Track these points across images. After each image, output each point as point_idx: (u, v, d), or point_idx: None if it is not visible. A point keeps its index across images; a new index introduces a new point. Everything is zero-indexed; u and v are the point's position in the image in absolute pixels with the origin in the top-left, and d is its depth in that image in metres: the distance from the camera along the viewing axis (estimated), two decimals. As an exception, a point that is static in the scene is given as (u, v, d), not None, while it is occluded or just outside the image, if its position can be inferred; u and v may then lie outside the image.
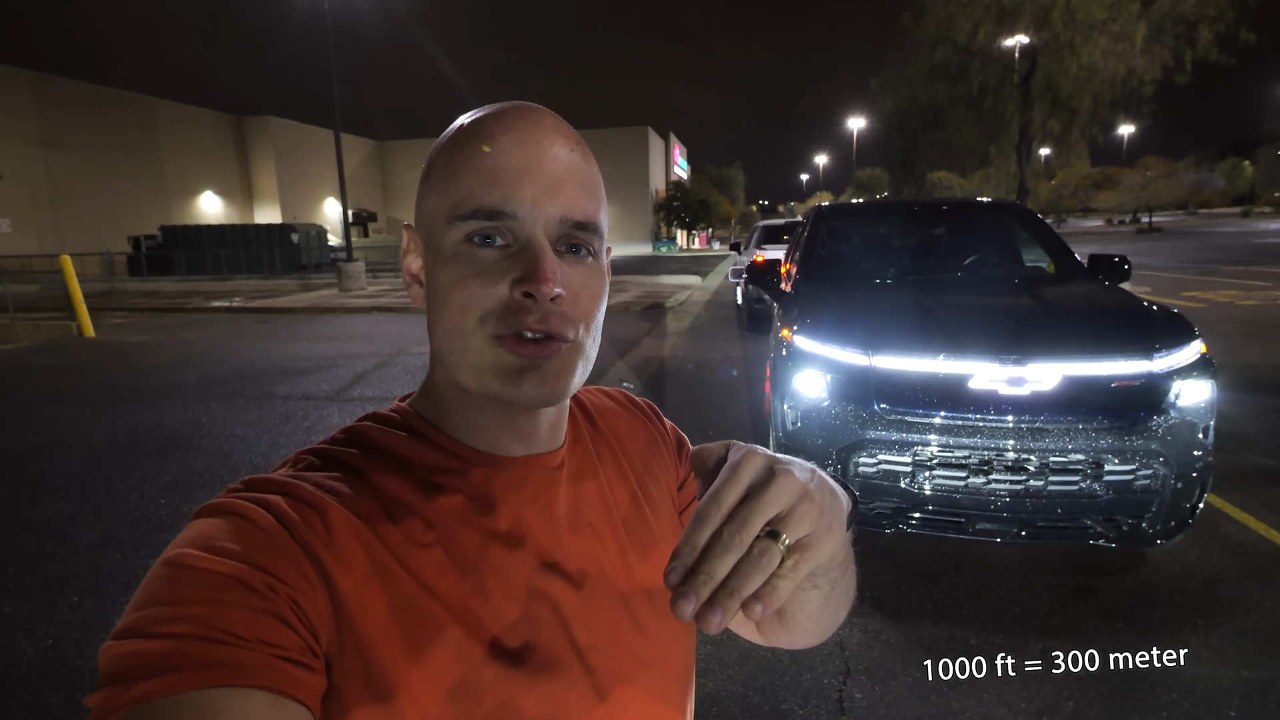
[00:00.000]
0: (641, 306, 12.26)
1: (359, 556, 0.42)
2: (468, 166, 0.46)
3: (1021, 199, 21.42)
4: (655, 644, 0.53)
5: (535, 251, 0.45)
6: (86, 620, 2.60)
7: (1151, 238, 34.39)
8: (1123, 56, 20.02)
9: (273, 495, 0.43)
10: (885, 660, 2.23)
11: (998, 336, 2.59)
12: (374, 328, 10.70)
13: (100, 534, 3.33)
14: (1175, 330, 2.59)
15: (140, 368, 7.67)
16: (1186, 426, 2.40)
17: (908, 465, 2.51)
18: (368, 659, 0.41)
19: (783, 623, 0.54)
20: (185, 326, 11.56)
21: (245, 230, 27.31)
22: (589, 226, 0.48)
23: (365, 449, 0.48)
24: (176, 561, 0.38)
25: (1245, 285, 12.35)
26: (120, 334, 10.74)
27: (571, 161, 0.47)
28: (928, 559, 2.87)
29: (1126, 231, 43.65)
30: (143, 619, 0.36)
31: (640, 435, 0.62)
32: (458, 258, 0.46)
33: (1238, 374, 5.75)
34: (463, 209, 0.45)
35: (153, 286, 20.52)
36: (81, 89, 32.14)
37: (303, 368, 7.42)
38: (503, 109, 0.48)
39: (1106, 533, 2.41)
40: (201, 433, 4.98)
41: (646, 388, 6.15)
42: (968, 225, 4.30)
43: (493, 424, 0.50)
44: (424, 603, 0.43)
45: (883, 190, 64.48)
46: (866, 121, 51.81)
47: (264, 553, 0.39)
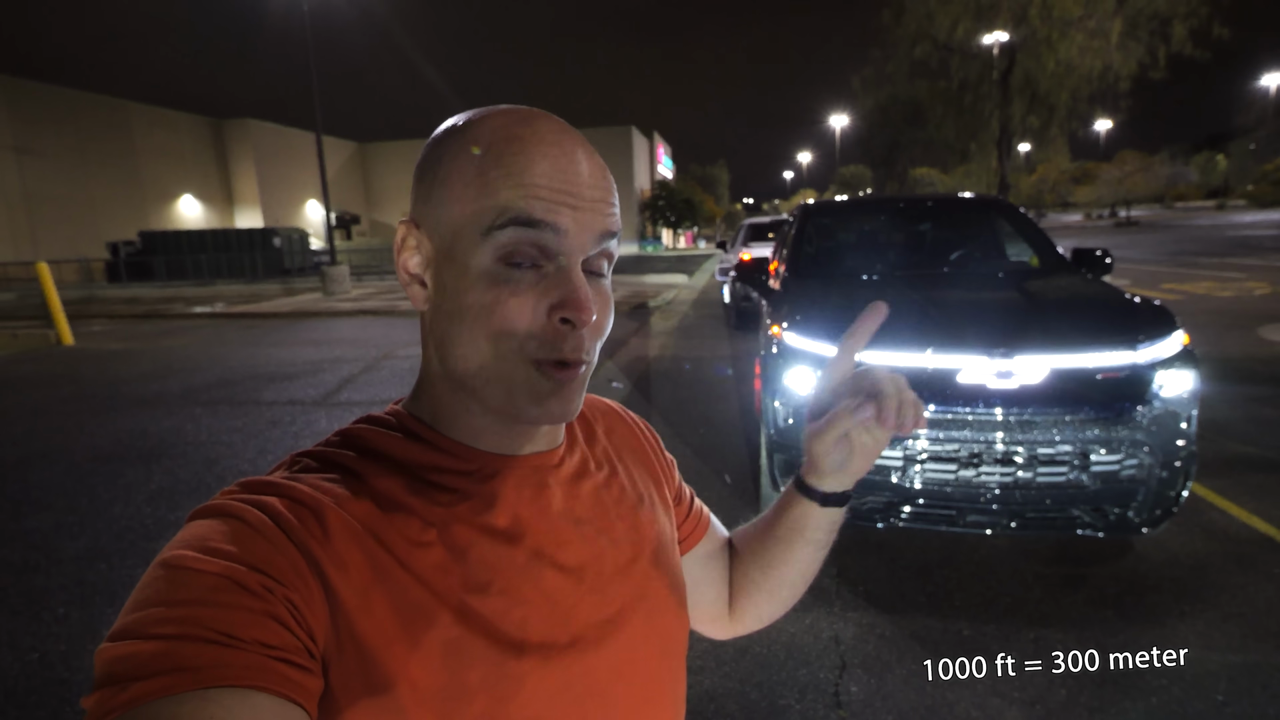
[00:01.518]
0: (629, 306, 12.25)
1: (356, 557, 0.42)
2: (504, 181, 0.44)
3: (1002, 194, 21.68)
4: (656, 636, 0.55)
5: (573, 278, 0.45)
6: (73, 633, 2.55)
7: (1129, 231, 34.95)
8: (1099, 52, 20.34)
9: (268, 497, 0.42)
10: (880, 653, 2.25)
11: (985, 331, 2.61)
12: (359, 331, 10.60)
13: (85, 545, 3.27)
14: (1158, 322, 2.63)
15: (122, 376, 7.54)
16: (1170, 416, 2.44)
17: (899, 460, 2.53)
18: (368, 659, 0.41)
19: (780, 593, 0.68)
20: (167, 333, 11.39)
21: (226, 235, 26.99)
22: (616, 234, 0.49)
23: (361, 450, 0.48)
24: (172, 563, 0.38)
25: (1221, 277, 12.58)
26: (100, 342, 10.55)
27: (599, 175, 0.47)
28: (920, 552, 2.90)
29: (1105, 225, 44.33)
30: (138, 620, 0.36)
31: (635, 443, 0.65)
32: (493, 278, 0.45)
33: (1217, 364, 5.86)
34: (501, 219, 0.44)
35: (132, 293, 20.19)
36: (55, 94, 31.52)
37: (288, 373, 7.34)
38: (527, 117, 0.47)
39: (1094, 522, 2.45)
40: (186, 440, 4.90)
41: (635, 388, 6.15)
42: (953, 221, 4.34)
43: (494, 426, 0.50)
44: (424, 601, 0.43)
45: (866, 187, 64.95)
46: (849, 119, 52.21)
47: (260, 554, 0.39)
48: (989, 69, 22.76)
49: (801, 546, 0.64)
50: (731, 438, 4.52)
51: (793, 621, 2.42)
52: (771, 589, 0.67)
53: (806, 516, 0.63)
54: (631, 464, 0.62)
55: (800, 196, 78.14)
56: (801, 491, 0.63)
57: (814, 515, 0.63)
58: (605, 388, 6.04)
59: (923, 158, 40.20)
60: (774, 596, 0.68)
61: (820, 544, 0.64)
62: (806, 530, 0.63)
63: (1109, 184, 50.58)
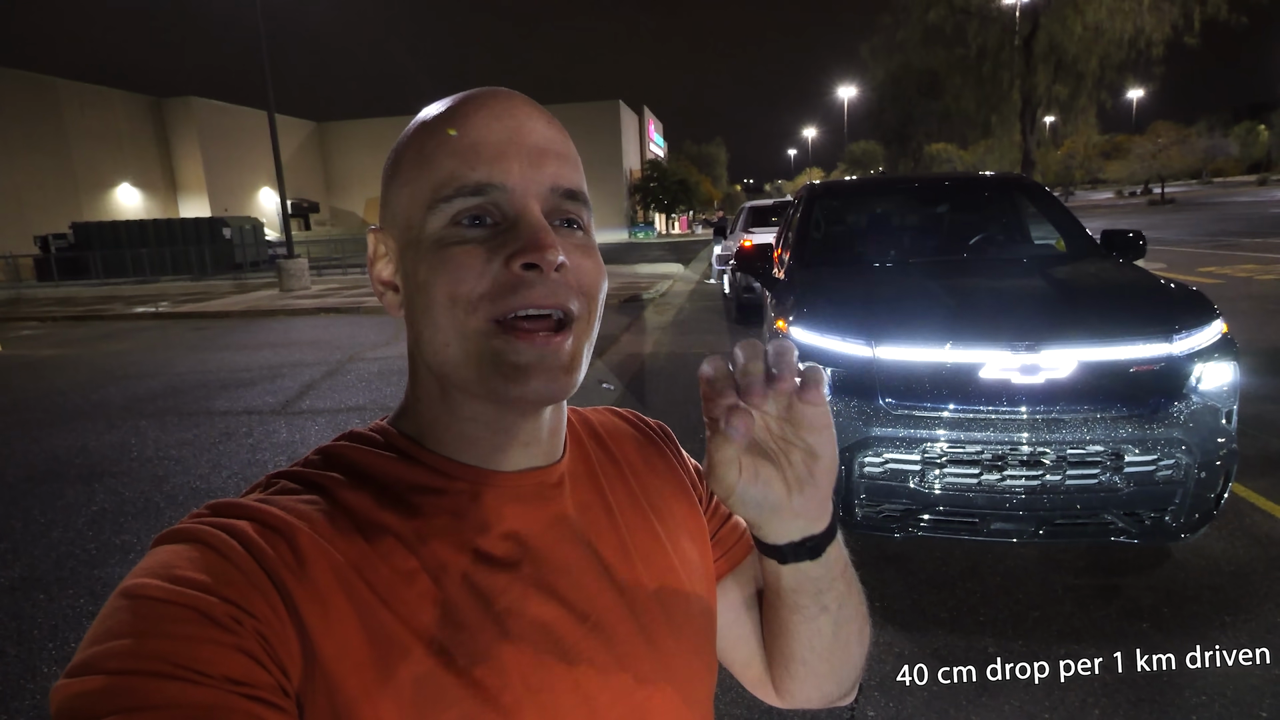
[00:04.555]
0: (619, 299, 12.26)
1: (332, 588, 0.42)
2: (444, 149, 0.47)
3: (1027, 171, 21.84)
4: (672, 665, 0.53)
5: (531, 221, 0.46)
6: (10, 671, 2.54)
7: (1164, 210, 35.27)
8: (1130, 15, 20.54)
9: (239, 520, 0.42)
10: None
11: (1009, 322, 2.65)
12: (321, 332, 10.56)
13: (20, 573, 3.26)
14: (1195, 309, 2.68)
15: (56, 385, 7.48)
16: (1209, 412, 2.48)
17: (916, 463, 2.56)
18: (339, 702, 0.40)
19: (792, 668, 0.59)
20: (105, 337, 11.29)
21: (170, 225, 26.81)
22: (579, 197, 0.49)
23: (342, 470, 0.48)
24: (134, 592, 0.38)
25: (1264, 259, 12.72)
26: (31, 348, 10.45)
27: (551, 134, 0.49)
28: (940, 563, 2.93)
29: (1138, 203, 44.75)
30: (98, 654, 0.36)
31: (655, 461, 0.62)
32: (443, 242, 0.46)
33: (1260, 355, 5.94)
34: (445, 190, 0.46)
35: (65, 292, 20.00)
36: (-27, 70, 31.18)
37: (243, 379, 7.30)
38: (471, 93, 0.50)
39: (1128, 528, 2.49)
40: (131, 456, 4.88)
41: (628, 388, 6.17)
42: (972, 202, 4.38)
43: (488, 434, 0.50)
44: (404, 639, 0.43)
45: (878, 165, 65.23)
46: (858, 91, 52.39)
47: (229, 583, 0.39)
48: (1010, 34, 22.92)
49: (788, 614, 0.54)
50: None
51: (804, 642, 2.45)
52: (788, 665, 0.58)
53: (777, 578, 0.53)
54: (650, 480, 0.60)
55: (806, 176, 78.36)
56: (761, 549, 0.52)
57: (784, 577, 0.52)
58: (595, 389, 6.05)
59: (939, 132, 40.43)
60: (800, 672, 0.58)
61: (827, 609, 0.54)
62: (783, 594, 0.53)
63: (1142, 158, 50.97)
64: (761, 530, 0.50)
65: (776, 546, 0.50)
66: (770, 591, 0.55)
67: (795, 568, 0.51)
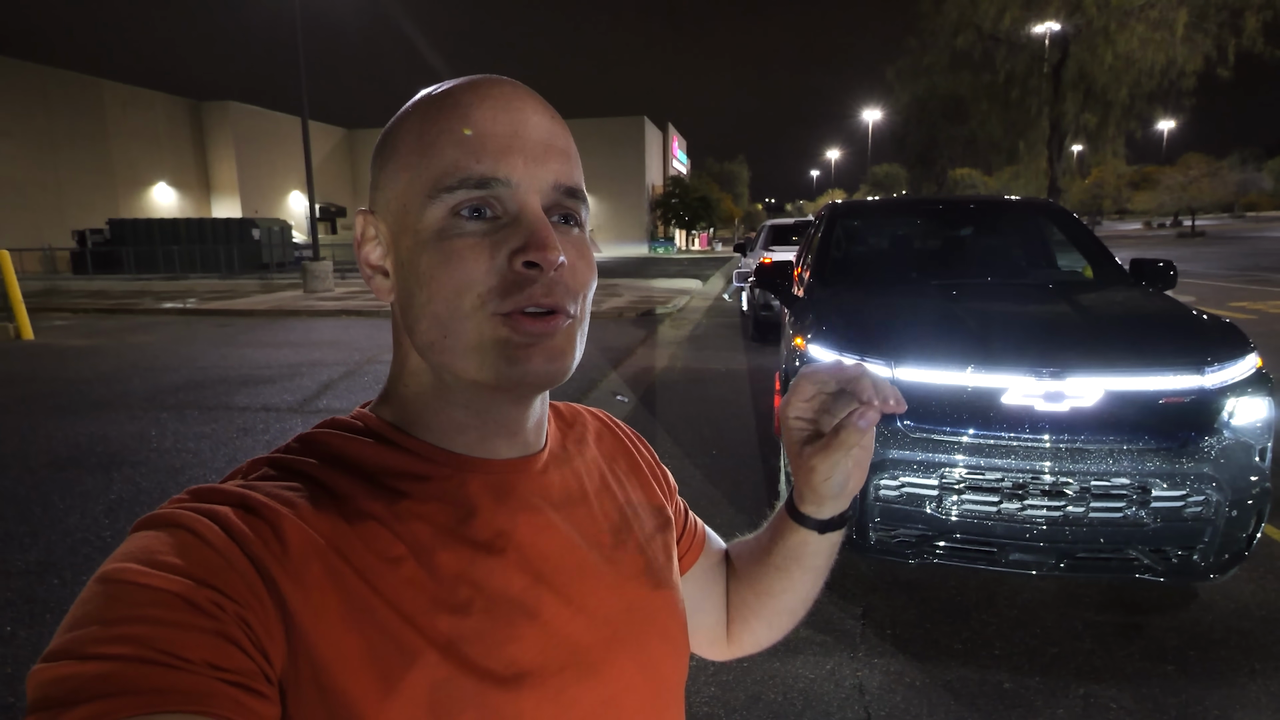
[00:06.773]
0: (636, 313, 12.27)
1: (317, 574, 0.42)
2: (447, 137, 0.46)
3: (1053, 199, 21.61)
4: (653, 663, 0.55)
5: (533, 219, 0.46)
6: (20, 653, 2.56)
7: (1194, 242, 34.75)
8: (1162, 45, 20.31)
9: (221, 506, 0.42)
10: (909, 706, 2.21)
11: (1033, 347, 2.59)
12: (342, 333, 10.68)
13: (37, 557, 3.29)
14: (1229, 342, 2.60)
15: (83, 375, 7.61)
16: (1241, 448, 2.40)
17: (934, 488, 2.50)
18: (328, 689, 0.40)
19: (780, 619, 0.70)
20: (134, 330, 11.50)
21: (201, 225, 27.35)
22: (578, 194, 0.50)
23: (323, 456, 0.48)
24: (113, 577, 0.37)
25: (1296, 295, 12.46)
26: (62, 337, 10.66)
27: (554, 129, 0.49)
28: (955, 593, 2.86)
29: (1167, 235, 44.13)
30: (76, 639, 0.35)
31: (628, 454, 0.65)
32: (444, 234, 0.46)
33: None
34: (447, 180, 0.46)
35: (99, 285, 20.46)
36: (22, 69, 32.19)
37: (263, 376, 7.38)
38: (472, 80, 0.49)
39: (1154, 565, 2.41)
40: (150, 447, 4.93)
41: (641, 402, 6.14)
42: (997, 225, 4.32)
43: (476, 422, 0.50)
44: (393, 625, 0.42)
45: (901, 188, 65.03)
46: (882, 114, 52.36)
47: (210, 568, 0.39)
48: (1039, 61, 22.78)
49: (801, 575, 0.66)
50: (746, 461, 4.50)
51: (812, 667, 2.38)
52: (770, 616, 0.70)
53: (805, 545, 0.65)
54: (625, 475, 0.63)
55: (827, 197, 78.34)
56: (797, 520, 0.64)
57: (813, 543, 0.64)
58: (609, 401, 6.03)
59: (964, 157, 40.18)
60: (772, 624, 0.71)
61: (820, 570, 0.67)
62: (805, 559, 0.65)
63: (1172, 190, 50.32)
64: (820, 509, 0.62)
65: (823, 520, 0.63)
66: (791, 559, 0.66)
67: (826, 536, 0.64)
